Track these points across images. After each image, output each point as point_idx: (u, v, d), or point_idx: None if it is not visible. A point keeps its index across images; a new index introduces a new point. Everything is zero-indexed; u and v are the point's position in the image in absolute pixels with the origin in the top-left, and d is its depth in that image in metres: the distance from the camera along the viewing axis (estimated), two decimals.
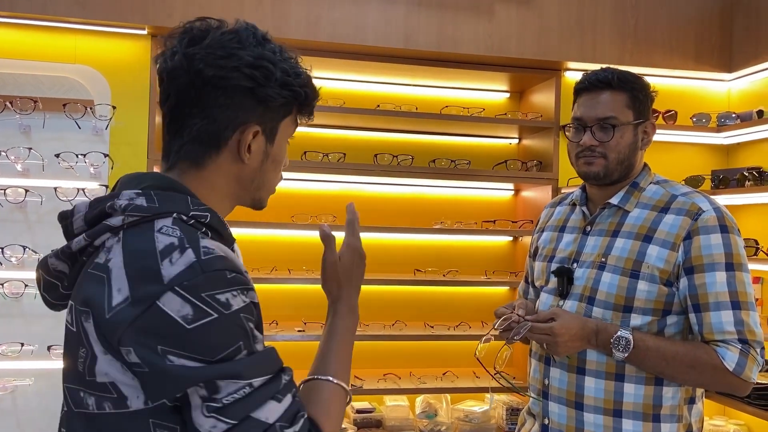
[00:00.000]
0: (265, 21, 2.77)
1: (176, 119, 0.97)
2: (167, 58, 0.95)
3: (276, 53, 0.97)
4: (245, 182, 1.01)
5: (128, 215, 0.88)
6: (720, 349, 1.44)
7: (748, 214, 3.18)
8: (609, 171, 1.57)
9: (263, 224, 2.94)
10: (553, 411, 1.60)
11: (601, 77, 1.58)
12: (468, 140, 3.44)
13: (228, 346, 0.82)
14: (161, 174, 0.97)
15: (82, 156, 2.68)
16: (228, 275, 0.85)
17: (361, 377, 3.01)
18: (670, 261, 1.49)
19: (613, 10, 3.11)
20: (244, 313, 0.85)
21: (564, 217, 1.74)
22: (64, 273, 0.95)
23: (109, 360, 0.84)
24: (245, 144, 0.97)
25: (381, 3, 2.91)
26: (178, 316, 0.80)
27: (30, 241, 2.69)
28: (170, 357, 0.80)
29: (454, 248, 3.39)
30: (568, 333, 1.46)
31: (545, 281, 1.70)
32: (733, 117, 3.18)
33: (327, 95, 3.11)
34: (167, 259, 0.83)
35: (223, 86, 0.93)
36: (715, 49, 3.22)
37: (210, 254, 0.85)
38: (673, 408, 1.51)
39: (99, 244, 0.90)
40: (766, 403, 2.67)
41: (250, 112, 0.96)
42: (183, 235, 0.86)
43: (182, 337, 0.80)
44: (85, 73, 2.75)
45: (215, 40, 0.94)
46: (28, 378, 2.66)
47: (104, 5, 2.65)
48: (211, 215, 0.94)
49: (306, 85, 1.00)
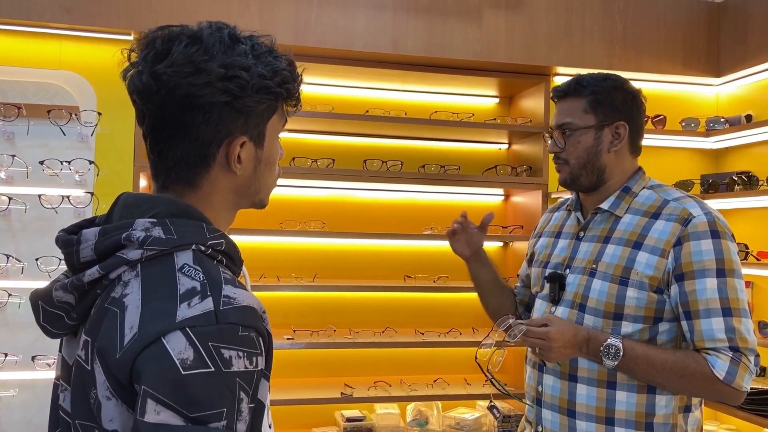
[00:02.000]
0: (253, 26, 2.72)
1: (157, 141, 0.92)
2: (135, 78, 0.91)
3: (248, 55, 0.90)
4: (243, 190, 0.97)
5: (147, 249, 0.84)
6: (710, 357, 1.42)
7: (737, 219, 3.18)
8: (573, 176, 1.61)
9: (252, 231, 2.92)
10: (546, 418, 1.59)
11: (561, 87, 1.65)
12: (458, 146, 3.43)
13: (210, 407, 0.77)
14: (170, 197, 0.92)
15: (67, 163, 2.65)
16: (240, 332, 0.81)
17: (351, 385, 2.99)
18: (660, 268, 1.47)
19: (601, 15, 3.11)
20: (240, 379, 0.80)
21: (560, 222, 1.75)
22: (70, 304, 0.89)
23: (113, 405, 0.81)
24: (234, 156, 0.92)
25: (369, 8, 2.90)
26: (178, 359, 0.77)
27: (14, 250, 2.65)
28: (148, 406, 0.76)
29: (444, 254, 3.36)
30: (561, 339, 1.46)
31: (540, 287, 1.70)
32: (721, 121, 3.19)
33: (316, 101, 3.10)
34: (186, 303, 0.80)
35: (199, 104, 0.88)
36: (703, 53, 3.23)
37: (229, 304, 0.82)
38: (666, 416, 1.50)
39: (114, 277, 0.86)
40: (757, 408, 2.67)
41: (232, 124, 0.91)
42: (206, 280, 0.83)
43: (172, 382, 0.76)
44: (70, 79, 2.72)
45: (180, 53, 0.87)
46: (11, 389, 2.61)
47: (89, 11, 2.63)
48: (225, 242, 0.91)
49: (286, 82, 0.94)
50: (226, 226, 1.00)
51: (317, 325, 3.07)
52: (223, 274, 0.86)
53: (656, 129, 3.23)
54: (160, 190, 0.95)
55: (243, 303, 0.83)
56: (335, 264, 3.22)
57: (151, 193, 0.96)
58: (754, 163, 3.14)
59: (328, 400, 2.92)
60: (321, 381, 3.12)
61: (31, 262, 2.60)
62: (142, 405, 0.76)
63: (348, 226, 3.18)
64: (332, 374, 3.19)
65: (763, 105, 3.06)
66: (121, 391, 0.80)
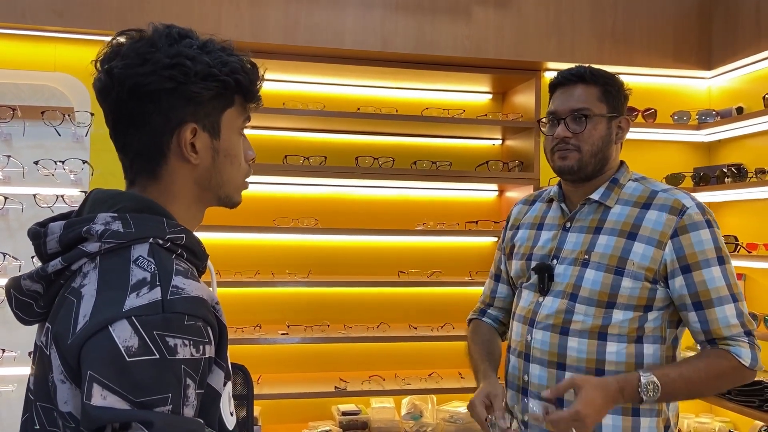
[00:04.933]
0: (243, 26, 2.79)
1: (118, 137, 0.97)
2: (96, 80, 0.96)
3: (194, 47, 0.95)
4: (203, 182, 1.00)
5: (105, 242, 0.88)
6: (733, 348, 1.46)
7: (728, 211, 3.19)
8: (583, 164, 1.57)
9: (246, 228, 2.96)
10: (533, 408, 1.57)
11: (574, 72, 1.61)
12: (449, 142, 3.45)
13: (156, 392, 0.80)
14: (135, 193, 0.97)
15: (62, 163, 2.70)
16: (186, 321, 0.84)
17: (346, 379, 3.02)
18: (656, 258, 1.49)
19: (591, 9, 3.13)
20: (186, 366, 0.83)
21: (540, 214, 1.73)
22: (38, 293, 0.94)
23: (67, 388, 0.85)
24: (186, 144, 0.96)
25: (358, 7, 2.93)
26: (123, 346, 0.80)
27: (11, 249, 2.71)
28: (95, 390, 0.79)
29: (437, 249, 3.40)
30: (593, 408, 1.37)
31: (526, 278, 1.69)
32: (713, 114, 3.20)
33: (307, 99, 3.13)
34: (135, 293, 0.84)
35: (147, 93, 0.93)
36: (694, 47, 3.23)
37: (177, 294, 0.85)
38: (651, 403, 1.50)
39: (76, 268, 0.90)
40: (749, 400, 2.68)
41: (181, 112, 0.95)
42: (157, 271, 0.86)
43: (117, 369, 0.79)
44: (65, 81, 2.77)
45: (130, 49, 0.93)
46: (10, 384, 2.67)
47: (83, 14, 2.68)
48: (186, 236, 0.94)
49: (235, 72, 0.98)
50: (194, 224, 1.03)
51: (312, 321, 3.11)
52: (176, 266, 0.90)
53: (648, 123, 3.24)
54: (129, 186, 1.00)
55: (191, 293, 0.86)
56: (329, 260, 3.26)
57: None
58: (746, 156, 3.14)
59: (322, 394, 2.95)
60: (316, 376, 3.16)
61: (28, 260, 2.65)
62: (88, 389, 0.79)
63: (341, 222, 3.21)
64: (327, 369, 3.22)
65: (755, 97, 3.06)
66: (74, 375, 0.84)
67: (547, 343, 1.57)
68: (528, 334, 1.61)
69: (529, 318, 1.62)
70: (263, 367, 3.05)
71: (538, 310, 1.60)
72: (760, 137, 3.09)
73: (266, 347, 3.04)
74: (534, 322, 1.60)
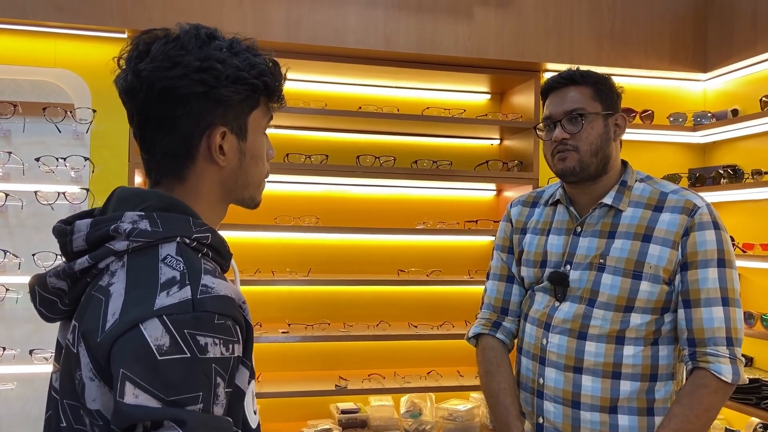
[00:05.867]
0: (246, 24, 2.79)
1: (144, 137, 0.97)
2: (121, 79, 0.96)
3: (223, 50, 0.95)
4: (229, 184, 1.01)
5: (133, 240, 0.88)
6: (713, 366, 1.46)
7: (724, 212, 3.24)
8: (584, 164, 1.56)
9: (246, 226, 2.95)
10: (549, 410, 1.58)
11: (564, 75, 1.62)
12: (450, 141, 3.47)
13: (187, 391, 0.80)
14: (161, 192, 0.96)
15: (63, 160, 2.68)
16: (216, 320, 0.84)
17: (345, 377, 3.03)
18: (672, 260, 1.50)
19: (589, 11, 3.16)
20: (216, 364, 0.83)
21: (547, 219, 1.70)
22: (63, 290, 0.94)
23: (96, 386, 0.85)
24: (215, 147, 0.96)
25: (361, 6, 2.93)
26: (154, 345, 0.80)
27: (11, 246, 2.68)
28: (127, 389, 0.79)
29: (437, 248, 3.42)
30: None
31: (538, 281, 1.67)
32: (708, 116, 3.24)
33: (308, 97, 3.13)
34: (165, 291, 0.84)
35: (177, 96, 0.93)
36: (690, 49, 3.28)
37: (206, 293, 0.85)
38: (665, 401, 1.53)
39: (103, 266, 0.90)
40: (743, 397, 2.72)
41: (211, 115, 0.95)
42: (186, 270, 0.87)
43: (149, 367, 0.80)
44: (65, 77, 2.74)
45: (159, 51, 0.93)
46: (10, 382, 2.64)
47: (83, 9, 2.65)
48: (212, 235, 0.94)
49: (263, 74, 0.98)
50: (216, 221, 1.03)
51: (312, 319, 3.11)
52: (204, 265, 0.90)
53: (644, 124, 3.28)
54: (153, 186, 0.99)
55: (221, 293, 0.87)
56: (329, 258, 3.26)
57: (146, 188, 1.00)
58: (741, 157, 3.20)
59: (322, 392, 2.96)
60: (316, 374, 3.16)
61: (28, 257, 2.63)
62: (120, 387, 0.79)
63: (342, 221, 3.22)
64: (327, 367, 3.23)
65: (749, 100, 3.11)
66: (102, 373, 0.84)
67: (564, 347, 1.56)
68: (543, 338, 1.60)
69: (544, 321, 1.61)
70: (263, 365, 3.05)
71: (554, 314, 1.59)
72: (754, 139, 3.14)
73: (267, 345, 3.04)
74: (550, 327, 1.59)
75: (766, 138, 3.06)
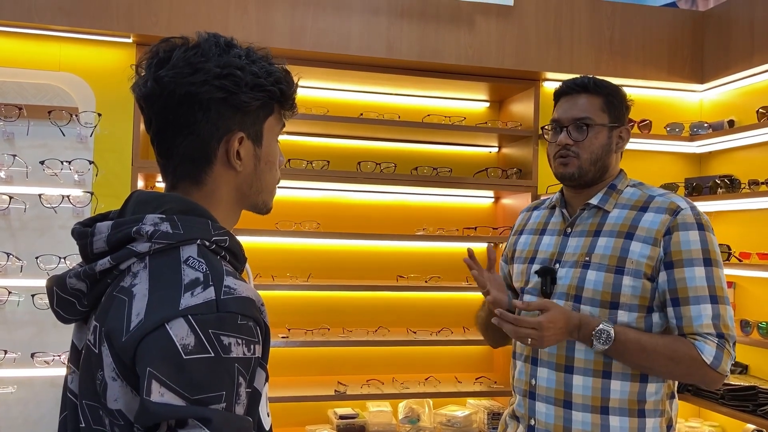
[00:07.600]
0: (250, 30, 2.81)
1: (163, 142, 0.99)
2: (140, 85, 0.98)
3: (242, 57, 0.98)
4: (245, 189, 1.03)
5: (155, 242, 0.90)
6: (698, 342, 1.49)
7: (720, 221, 3.28)
8: (583, 171, 1.63)
9: (247, 231, 2.96)
10: (540, 411, 1.62)
11: (578, 82, 1.67)
12: (449, 148, 3.50)
13: (211, 390, 0.82)
14: (179, 196, 0.98)
15: (67, 163, 2.69)
16: (239, 321, 0.86)
17: (344, 383, 3.04)
18: (653, 256, 1.54)
19: (589, 22, 3.20)
20: (239, 364, 0.85)
21: (543, 220, 1.79)
22: (82, 291, 0.95)
23: (119, 386, 0.86)
24: (233, 152, 0.99)
25: (364, 13, 2.96)
26: (180, 344, 0.82)
27: (13, 249, 2.68)
28: (153, 387, 0.80)
29: (436, 255, 3.44)
30: (554, 327, 1.48)
31: (525, 282, 1.73)
32: (705, 126, 3.28)
33: (311, 104, 3.15)
34: (189, 292, 0.85)
35: (197, 102, 0.95)
36: (688, 60, 3.32)
37: (229, 294, 0.87)
38: (656, 403, 1.56)
39: (124, 268, 0.92)
40: (739, 404, 2.75)
41: (229, 121, 0.97)
42: (209, 271, 0.88)
43: (174, 366, 0.81)
44: (70, 81, 2.75)
45: (180, 58, 0.95)
46: (10, 386, 2.64)
47: (89, 13, 2.67)
48: (230, 239, 0.97)
49: (279, 82, 1.01)
50: (231, 225, 1.05)
51: (311, 324, 3.12)
52: (225, 267, 0.92)
53: (642, 133, 3.32)
54: (170, 190, 1.01)
55: (243, 294, 0.89)
56: (329, 264, 3.28)
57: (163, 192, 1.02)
58: (737, 167, 3.24)
59: (321, 397, 2.97)
60: (315, 379, 3.17)
61: (31, 260, 2.63)
62: (147, 386, 0.81)
63: (342, 226, 3.24)
64: (326, 372, 3.24)
65: (745, 111, 3.15)
66: (127, 373, 0.85)
67: (554, 346, 1.59)
68: None
69: None
70: None
71: None
72: (750, 149, 3.19)
73: None
74: None
75: (762, 148, 3.10)
